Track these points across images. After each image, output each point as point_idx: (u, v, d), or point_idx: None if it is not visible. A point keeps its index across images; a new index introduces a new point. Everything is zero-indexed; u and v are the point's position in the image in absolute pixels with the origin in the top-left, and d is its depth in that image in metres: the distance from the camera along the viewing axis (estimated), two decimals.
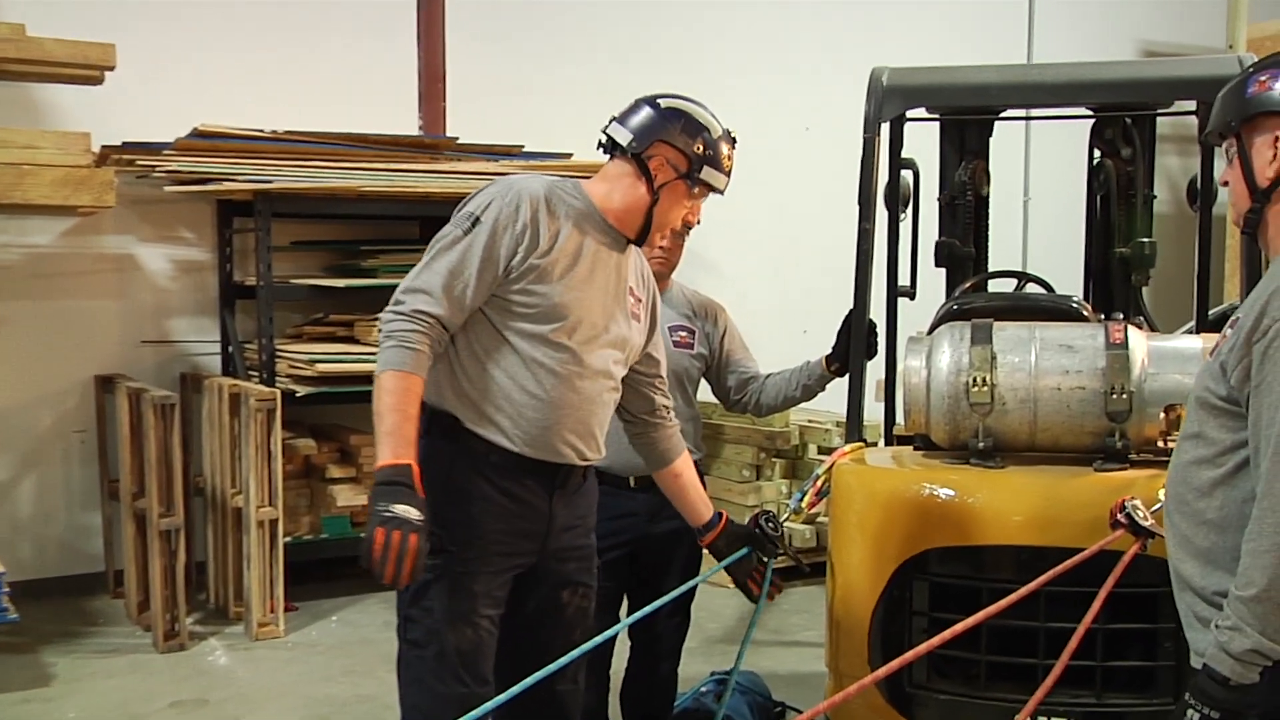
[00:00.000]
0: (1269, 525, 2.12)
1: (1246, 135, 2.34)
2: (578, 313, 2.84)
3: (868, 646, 3.22)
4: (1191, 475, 2.34)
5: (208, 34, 6.42)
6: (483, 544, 2.82)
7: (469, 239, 2.77)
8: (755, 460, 6.72)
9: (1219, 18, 8.66)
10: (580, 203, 2.92)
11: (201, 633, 5.62)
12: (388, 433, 2.63)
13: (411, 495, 2.58)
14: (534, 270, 2.80)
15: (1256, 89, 2.33)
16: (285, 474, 5.70)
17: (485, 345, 2.83)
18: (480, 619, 2.83)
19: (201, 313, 6.54)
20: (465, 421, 2.82)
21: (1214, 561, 2.28)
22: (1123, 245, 4.14)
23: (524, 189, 2.84)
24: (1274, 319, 2.16)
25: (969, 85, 3.90)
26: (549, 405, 2.82)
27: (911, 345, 3.43)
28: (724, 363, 3.99)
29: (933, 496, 3.20)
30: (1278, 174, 2.30)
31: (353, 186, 5.99)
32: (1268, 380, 2.16)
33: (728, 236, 7.38)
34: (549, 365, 2.82)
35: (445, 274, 2.74)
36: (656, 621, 3.82)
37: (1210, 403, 2.30)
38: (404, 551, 2.52)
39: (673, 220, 3.00)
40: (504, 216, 2.78)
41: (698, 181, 2.95)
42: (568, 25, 7.45)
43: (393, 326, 2.71)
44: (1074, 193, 4.40)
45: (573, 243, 2.85)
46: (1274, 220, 2.33)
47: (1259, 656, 2.14)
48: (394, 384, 2.66)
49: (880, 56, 4.25)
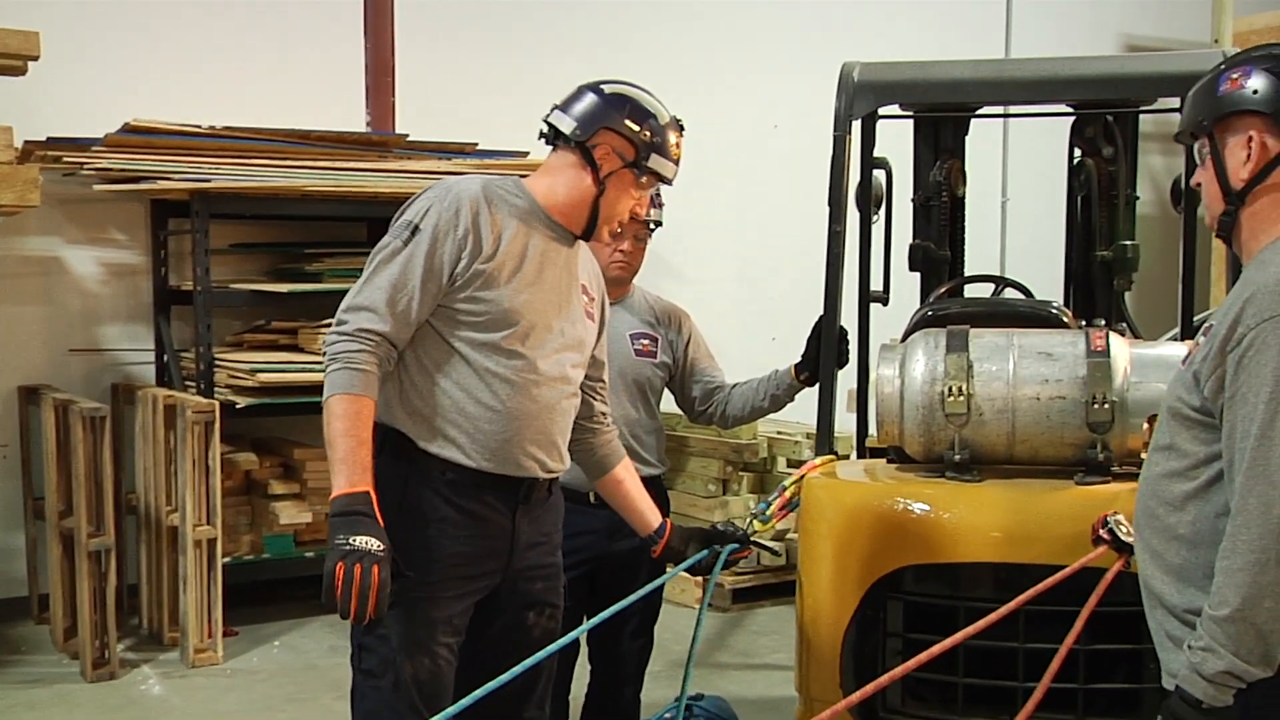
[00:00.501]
0: (1243, 542, 2.14)
1: (1219, 135, 2.36)
2: (529, 317, 2.84)
3: (839, 669, 3.23)
4: (1163, 489, 2.36)
5: (140, 22, 6.37)
6: (442, 568, 2.81)
7: (409, 249, 2.76)
8: (722, 474, 6.73)
9: (1204, 11, 8.76)
10: (523, 201, 2.92)
11: (133, 660, 5.56)
12: (341, 460, 2.63)
13: (371, 524, 2.58)
14: (480, 276, 2.79)
15: (1228, 87, 2.34)
16: (224, 490, 5.65)
17: (434, 358, 2.82)
18: (439, 647, 2.81)
19: (134, 319, 6.48)
20: (418, 440, 2.81)
21: (1186, 578, 2.30)
22: (1104, 248, 4.17)
23: (462, 191, 2.83)
24: (1248, 327, 2.18)
25: (944, 81, 3.92)
26: (506, 416, 2.82)
27: (884, 353, 3.44)
28: (688, 372, 3.99)
29: (907, 511, 3.21)
30: (1252, 175, 2.32)
31: (296, 186, 5.96)
32: (1242, 391, 2.18)
33: (692, 239, 7.39)
34: (503, 374, 2.81)
35: (388, 288, 2.74)
36: (619, 644, 3.82)
37: (1183, 413, 2.32)
38: (366, 586, 2.51)
39: (620, 212, 2.98)
40: (444, 223, 2.78)
41: (645, 170, 2.93)
42: (525, 18, 7.44)
43: (337, 348, 2.71)
44: (1054, 193, 4.43)
45: (518, 243, 2.85)
46: (1249, 223, 2.35)
47: (1232, 678, 2.15)
48: (343, 408, 2.66)
49: (852, 51, 4.27)
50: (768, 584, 6.53)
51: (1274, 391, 2.14)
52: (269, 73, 6.63)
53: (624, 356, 3.83)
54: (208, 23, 6.54)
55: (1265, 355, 2.15)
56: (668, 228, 4.07)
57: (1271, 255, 2.27)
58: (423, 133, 6.68)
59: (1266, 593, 2.12)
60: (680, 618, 5.70)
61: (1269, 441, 2.13)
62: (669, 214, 4.00)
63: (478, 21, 7.31)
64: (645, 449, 3.84)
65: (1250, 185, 2.32)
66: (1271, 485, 2.12)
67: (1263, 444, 2.13)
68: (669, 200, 3.98)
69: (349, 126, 6.63)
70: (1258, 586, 2.12)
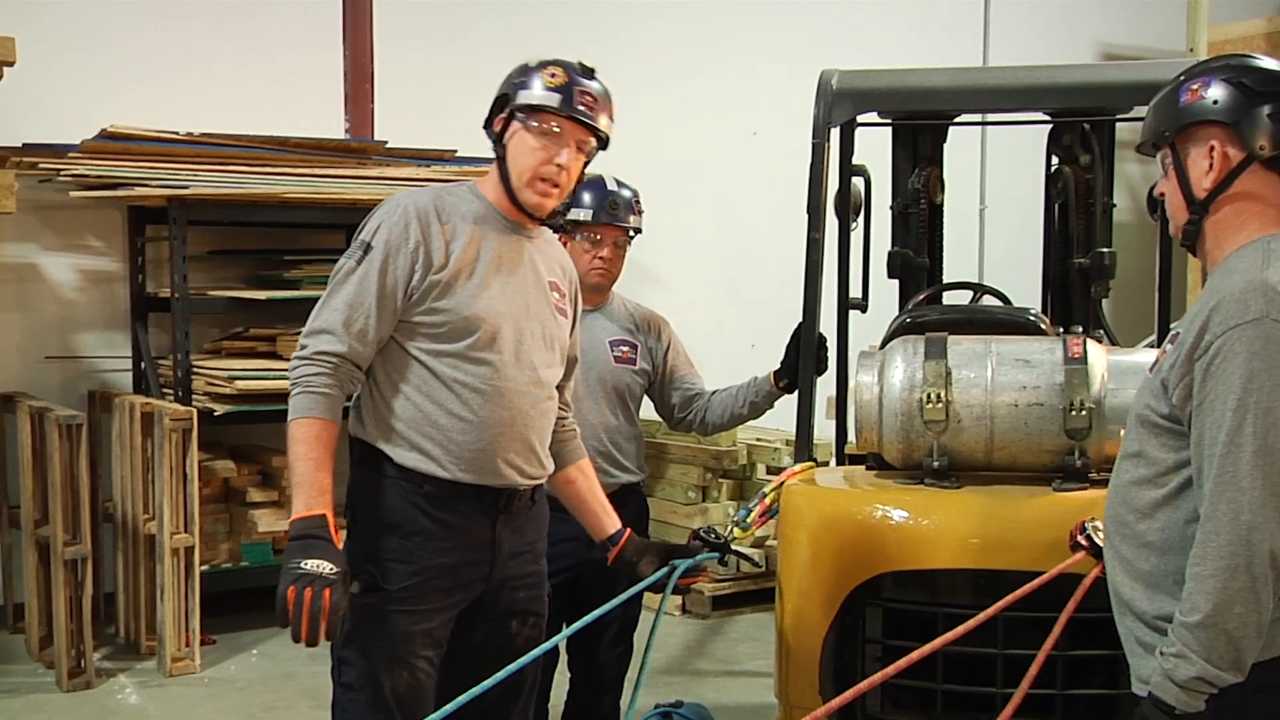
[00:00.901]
0: (1213, 549, 2.16)
1: (1181, 145, 2.38)
2: (492, 321, 2.82)
3: (819, 676, 3.22)
4: (1132, 496, 2.37)
5: (117, 28, 6.34)
6: (421, 581, 2.80)
7: (363, 268, 2.78)
8: (701, 481, 6.73)
9: (1179, 20, 8.81)
10: (476, 204, 2.91)
11: (110, 669, 5.53)
12: (298, 484, 2.67)
13: (325, 548, 2.58)
14: (435, 287, 2.79)
15: (1189, 98, 2.36)
16: (202, 498, 5.63)
17: (402, 372, 2.82)
18: (418, 660, 2.81)
19: (111, 326, 6.45)
20: (394, 455, 2.81)
21: (1156, 585, 2.31)
22: (1081, 255, 4.19)
23: (410, 205, 2.84)
24: (1215, 335, 2.20)
25: (922, 89, 3.94)
26: (479, 426, 2.81)
27: (863, 360, 3.45)
28: (667, 379, 4.00)
29: (885, 518, 3.21)
30: (1215, 185, 2.34)
31: (275, 193, 5.94)
32: (1210, 398, 2.19)
33: (671, 246, 7.39)
34: (471, 384, 2.81)
35: (344, 309, 2.76)
36: (597, 652, 3.82)
37: (1151, 421, 2.33)
38: (316, 609, 2.51)
39: (527, 166, 2.86)
40: (394, 238, 2.79)
41: (522, 110, 2.85)
42: (504, 24, 7.44)
43: (297, 373, 2.74)
44: (1031, 201, 4.45)
45: (472, 249, 2.84)
46: (1213, 232, 2.37)
47: (1205, 684, 2.17)
48: (301, 432, 2.69)
49: (831, 58, 4.29)
50: (747, 591, 6.53)
51: (1242, 399, 2.15)
52: (247, 79, 6.61)
53: (603, 363, 3.84)
54: (185, 29, 6.51)
55: (1232, 363, 2.17)
56: (648, 235, 4.08)
57: (1235, 263, 2.29)
58: (402, 139, 6.67)
59: (1237, 598, 2.13)
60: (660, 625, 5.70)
61: (1237, 448, 2.15)
62: (648, 220, 4.00)
63: (457, 28, 7.31)
64: (625, 456, 3.84)
65: (1213, 194, 2.35)
66: (1240, 491, 2.14)
67: (1231, 451, 2.15)
68: (648, 207, 3.98)
69: (328, 133, 6.62)
70: (1228, 592, 2.14)
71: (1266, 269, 2.23)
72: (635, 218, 3.88)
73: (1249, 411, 2.15)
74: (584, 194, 3.84)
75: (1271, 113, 2.31)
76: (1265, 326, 2.16)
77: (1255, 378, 2.15)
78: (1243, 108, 2.32)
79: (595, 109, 2.88)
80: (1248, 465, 2.14)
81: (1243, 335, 2.17)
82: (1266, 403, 2.14)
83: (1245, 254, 2.30)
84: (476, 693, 2.59)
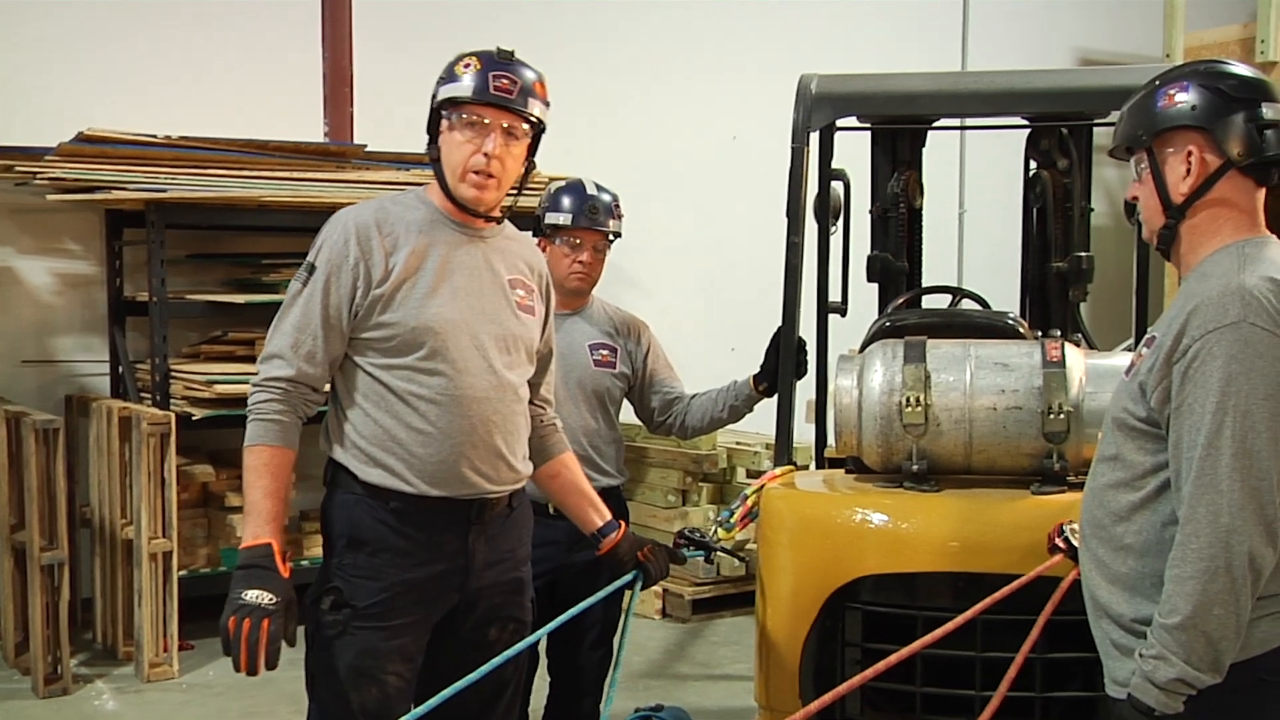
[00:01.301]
0: (1192, 551, 2.17)
1: (1158, 150, 2.39)
2: (443, 330, 2.79)
3: (799, 679, 3.23)
4: (1109, 499, 2.38)
5: (95, 30, 6.31)
6: (390, 598, 2.79)
7: (308, 290, 2.79)
8: (681, 484, 6.74)
9: (1156, 26, 8.85)
10: (421, 210, 2.88)
11: (87, 675, 5.50)
12: (247, 512, 2.70)
13: (269, 577, 2.60)
14: (379, 301, 2.78)
15: (1165, 103, 2.38)
16: (180, 503, 5.61)
17: (359, 389, 2.81)
18: (388, 676, 2.80)
19: (89, 330, 6.42)
20: (359, 473, 2.79)
21: (1133, 588, 2.33)
22: (1059, 259, 4.21)
23: (350, 222, 2.82)
24: (1193, 339, 2.21)
25: (900, 94, 3.95)
26: (440, 437, 2.78)
27: (842, 364, 3.45)
28: (647, 382, 4.00)
29: (865, 522, 3.22)
30: (1192, 190, 2.36)
31: (253, 196, 5.92)
32: (1188, 401, 2.21)
33: (651, 250, 7.40)
34: (427, 395, 2.78)
35: (291, 333, 2.78)
36: (578, 655, 3.81)
37: (1129, 424, 2.35)
38: (254, 640, 2.53)
39: (457, 161, 2.84)
40: (335, 257, 2.79)
41: (445, 107, 2.86)
42: (484, 29, 7.41)
43: (252, 400, 2.78)
44: (1010, 205, 4.47)
45: (415, 258, 2.81)
46: (1188, 237, 2.39)
47: (1184, 686, 2.18)
48: (253, 460, 2.72)
49: (811, 63, 4.29)
50: (727, 594, 6.54)
51: (1220, 402, 2.17)
52: (225, 82, 6.59)
53: (583, 367, 3.83)
54: (164, 32, 6.49)
55: (1211, 366, 2.18)
56: (626, 239, 4.08)
57: (1212, 267, 2.31)
58: (381, 143, 6.66)
59: (1216, 600, 2.15)
60: (641, 629, 5.70)
61: (1216, 451, 2.16)
62: (628, 224, 4.00)
63: (436, 31, 7.29)
64: (604, 459, 3.84)
65: (1190, 199, 2.36)
66: (1219, 494, 2.16)
67: (1210, 453, 2.17)
68: (628, 211, 3.98)
69: (306, 137, 6.60)
70: (1208, 594, 2.15)
71: (1242, 273, 2.25)
72: (615, 222, 3.88)
73: (1228, 414, 2.16)
74: (563, 198, 3.84)
75: (1248, 119, 2.32)
76: (1243, 330, 2.18)
77: (1234, 381, 2.17)
78: (1220, 113, 2.33)
79: (514, 91, 2.84)
80: (1227, 468, 2.16)
81: (1221, 339, 2.18)
82: (1245, 406, 2.16)
83: (1220, 258, 2.32)
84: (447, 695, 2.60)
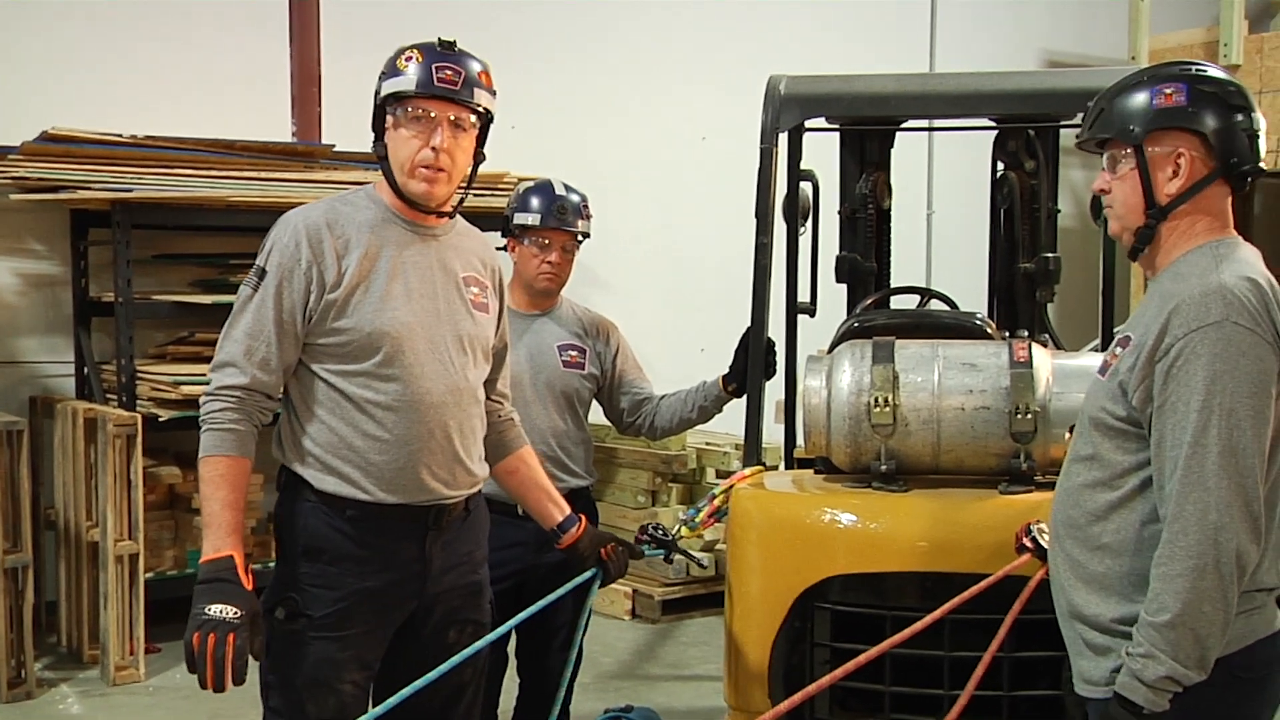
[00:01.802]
0: (1181, 549, 2.18)
1: (1147, 146, 2.38)
2: (397, 334, 2.74)
3: (768, 679, 3.23)
4: (1086, 499, 2.39)
5: (60, 28, 6.26)
6: (346, 607, 2.75)
7: (259, 295, 2.72)
8: (651, 485, 6.74)
9: (1122, 29, 8.91)
10: (372, 210, 2.82)
11: (51, 679, 5.45)
12: (206, 524, 2.63)
13: (232, 590, 2.55)
14: (332, 306, 2.72)
15: (1163, 101, 2.36)
16: (146, 504, 5.57)
17: (313, 395, 2.76)
18: (343, 685, 2.77)
19: (53, 331, 6.36)
20: (313, 481, 2.75)
21: (1109, 587, 2.34)
22: (1027, 260, 4.23)
23: (299, 224, 2.75)
24: (1176, 338, 2.23)
25: (868, 95, 3.96)
26: (397, 444, 2.75)
27: (811, 364, 3.46)
28: (616, 383, 3.99)
29: (834, 522, 3.22)
30: (1180, 191, 2.36)
31: (220, 196, 5.88)
32: (1171, 400, 2.22)
33: (620, 250, 7.40)
34: (384, 401, 2.74)
35: (243, 340, 2.71)
36: (547, 656, 3.80)
37: (1107, 424, 2.35)
38: (221, 655, 2.49)
39: (405, 157, 2.77)
40: (286, 261, 2.72)
41: (389, 103, 2.80)
42: (451, 25, 7.37)
43: (205, 409, 2.70)
44: (978, 206, 4.49)
45: (369, 260, 2.76)
46: (1167, 237, 2.39)
47: (1172, 683, 2.20)
48: (209, 471, 2.65)
49: (780, 64, 4.30)
50: (697, 595, 6.54)
51: (1206, 400, 2.18)
52: (192, 81, 6.54)
53: (552, 368, 3.83)
54: (130, 29, 6.44)
55: (1195, 365, 2.20)
56: (595, 239, 4.07)
57: (1186, 267, 2.32)
58: (349, 143, 6.61)
59: (1205, 597, 2.17)
60: (610, 630, 5.69)
61: (1203, 449, 2.18)
62: (597, 225, 4.00)
63: (405, 31, 7.17)
64: (573, 460, 3.84)
65: (1177, 201, 2.36)
66: (1207, 492, 2.17)
67: (1197, 451, 2.18)
68: (597, 212, 3.98)
69: (274, 136, 6.56)
70: (1197, 592, 2.17)
71: (1219, 273, 2.26)
72: (584, 222, 3.88)
73: (1213, 413, 2.18)
74: (532, 198, 3.83)
75: (1244, 127, 2.33)
76: (1226, 329, 2.19)
77: (1218, 379, 2.18)
78: (1216, 119, 2.33)
79: (459, 82, 2.77)
80: (1214, 465, 2.17)
81: (1205, 337, 2.20)
82: (1229, 404, 2.18)
83: (1194, 259, 2.33)
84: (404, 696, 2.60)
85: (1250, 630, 2.27)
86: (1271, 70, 8.13)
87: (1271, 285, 2.30)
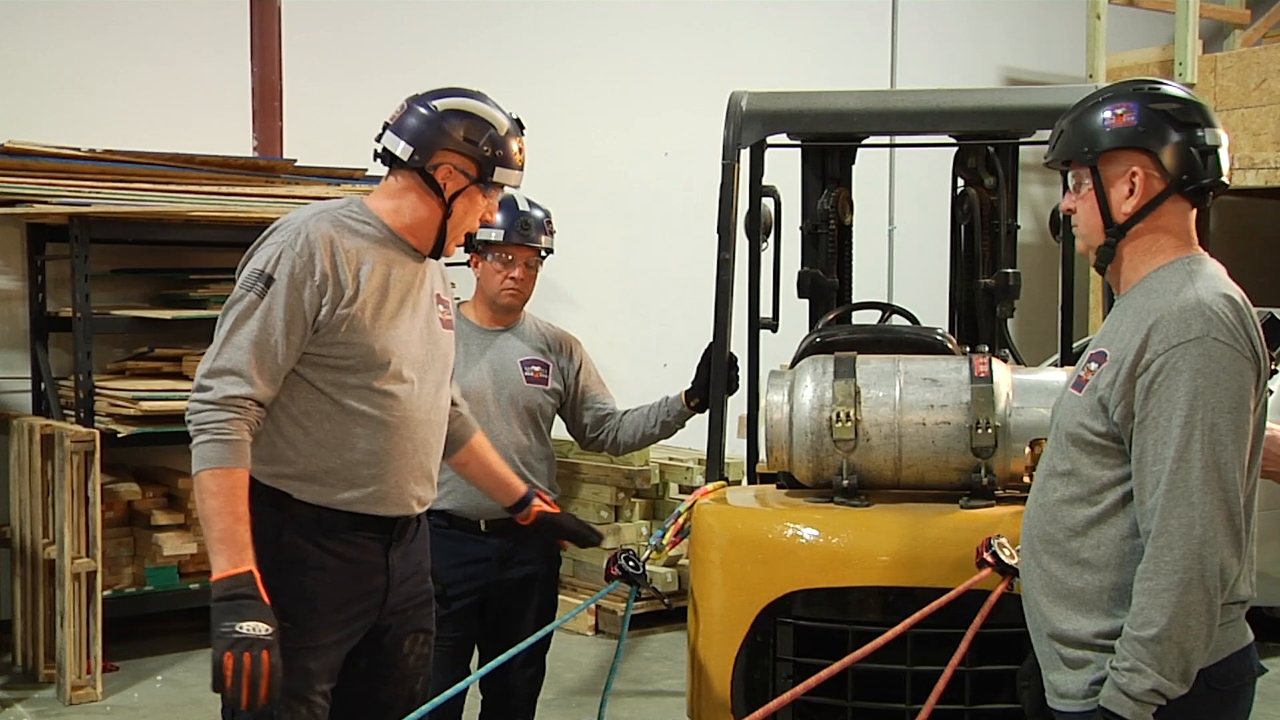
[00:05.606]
0: (1166, 563, 2.20)
1: (1102, 167, 2.41)
2: (399, 353, 2.76)
3: (730, 695, 3.22)
4: (1063, 514, 2.40)
5: (17, 40, 6.21)
6: (319, 616, 2.75)
7: (266, 302, 2.64)
8: (614, 500, 6.73)
9: (1080, 47, 9.01)
10: (373, 227, 2.81)
11: (6, 699, 5.39)
12: (219, 540, 2.55)
13: (258, 607, 2.51)
14: (345, 320, 2.69)
15: (1115, 121, 2.39)
16: (105, 521, 5.53)
17: (305, 406, 2.73)
18: (315, 696, 2.76)
19: (10, 346, 6.30)
20: (294, 492, 2.72)
21: (1089, 602, 2.34)
22: (987, 276, 4.25)
23: (312, 233, 2.70)
24: (1156, 354, 2.25)
25: (829, 111, 3.97)
26: (382, 458, 2.75)
27: (773, 379, 3.46)
28: (579, 398, 3.99)
29: (796, 537, 3.23)
30: (1136, 210, 2.38)
31: (180, 211, 5.85)
32: (1153, 415, 2.24)
33: (583, 265, 7.40)
34: (377, 416, 2.74)
35: (250, 348, 2.62)
36: (509, 673, 3.78)
37: (1086, 439, 2.36)
38: (257, 674, 2.45)
39: (469, 226, 2.89)
40: (299, 270, 2.66)
41: (491, 184, 2.85)
42: (415, 43, 7.40)
43: (203, 418, 2.60)
44: (939, 222, 4.51)
45: (378, 277, 2.75)
46: (1130, 255, 2.41)
47: (1158, 696, 2.21)
48: (216, 484, 2.57)
49: (741, 80, 4.31)
50: (660, 610, 6.51)
51: (1188, 415, 2.20)
52: (152, 95, 6.50)
53: (515, 383, 3.82)
54: (89, 42, 6.39)
55: (1176, 380, 2.22)
56: (558, 254, 4.07)
57: (1158, 284, 2.34)
58: (310, 158, 6.60)
59: (1191, 612, 2.18)
60: (572, 645, 5.67)
61: (1187, 464, 2.19)
62: (560, 240, 4.00)
63: (367, 45, 7.25)
64: (536, 476, 3.82)
65: (1134, 219, 2.38)
66: (1191, 506, 2.19)
67: (1180, 466, 2.20)
68: (560, 227, 3.97)
69: (235, 150, 6.52)
70: (1183, 606, 2.18)
71: (1194, 289, 2.28)
72: (547, 238, 3.87)
73: (1196, 428, 2.20)
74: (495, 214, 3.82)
75: (1194, 143, 2.36)
76: (1207, 345, 2.22)
77: (1201, 395, 2.20)
78: (1165, 137, 2.36)
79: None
80: (1198, 480, 2.19)
81: (1186, 353, 2.22)
82: (1211, 419, 2.20)
83: (1165, 275, 2.35)
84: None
85: (1226, 643, 2.30)
86: (1225, 89, 8.24)
87: (1245, 301, 2.33)
